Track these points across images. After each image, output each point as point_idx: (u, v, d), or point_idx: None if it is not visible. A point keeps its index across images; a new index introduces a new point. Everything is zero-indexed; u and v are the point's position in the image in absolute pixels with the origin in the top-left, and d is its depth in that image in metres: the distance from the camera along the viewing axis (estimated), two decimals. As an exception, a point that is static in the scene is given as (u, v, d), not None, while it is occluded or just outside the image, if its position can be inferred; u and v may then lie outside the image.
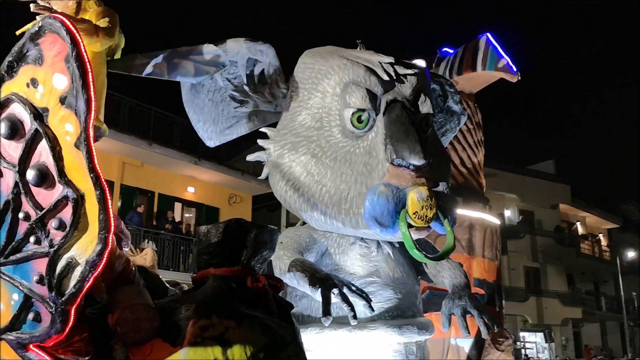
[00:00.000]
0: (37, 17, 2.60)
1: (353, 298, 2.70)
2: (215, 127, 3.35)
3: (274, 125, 3.25)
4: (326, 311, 2.63)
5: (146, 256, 5.88)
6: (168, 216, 15.73)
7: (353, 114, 2.92)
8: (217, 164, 17.13)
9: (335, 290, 2.66)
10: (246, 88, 3.19)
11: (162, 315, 2.15)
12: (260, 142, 3.18)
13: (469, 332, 2.97)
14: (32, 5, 2.44)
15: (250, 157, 3.27)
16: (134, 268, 2.48)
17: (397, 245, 3.19)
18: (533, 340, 26.76)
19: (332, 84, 3.01)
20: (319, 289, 2.69)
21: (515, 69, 5.88)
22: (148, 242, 6.39)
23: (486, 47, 5.91)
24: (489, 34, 5.98)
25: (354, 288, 2.78)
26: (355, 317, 2.66)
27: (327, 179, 2.93)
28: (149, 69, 2.98)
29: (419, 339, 3.13)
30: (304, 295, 3.06)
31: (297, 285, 2.90)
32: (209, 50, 3.10)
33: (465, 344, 4.83)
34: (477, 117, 6.38)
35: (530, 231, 28.28)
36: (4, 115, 1.72)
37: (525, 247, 27.84)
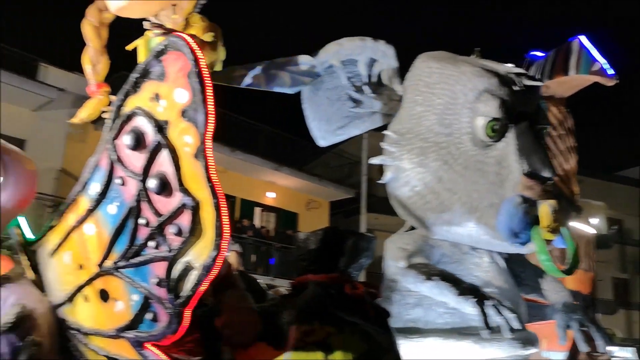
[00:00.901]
0: (149, 34, 2.77)
1: (503, 311, 2.66)
2: (328, 126, 3.38)
3: (383, 128, 3.27)
4: (487, 324, 2.58)
5: (229, 259, 6.02)
6: (244, 223, 16.06)
7: (488, 122, 2.89)
8: (297, 170, 17.41)
9: (490, 302, 2.63)
10: (365, 88, 3.21)
11: (265, 319, 2.23)
12: (384, 145, 3.19)
13: (587, 347, 2.90)
14: (145, 23, 2.59)
15: (375, 160, 3.28)
16: (235, 272, 2.58)
17: (506, 256, 3.15)
18: (622, 356, 25.36)
19: (465, 91, 2.97)
20: (471, 300, 2.65)
21: (611, 72, 5.60)
22: (234, 244, 6.53)
23: (579, 51, 5.67)
24: (582, 37, 5.74)
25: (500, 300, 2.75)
26: (512, 330, 2.62)
27: (459, 187, 2.91)
28: (247, 80, 3.09)
29: (534, 352, 3.08)
30: (417, 303, 3.05)
31: (438, 295, 2.87)
32: (304, 60, 3.17)
33: (558, 357, 4.65)
34: (568, 123, 6.13)
35: (619, 240, 26.90)
36: (129, 128, 1.84)
37: (613, 257, 26.51)
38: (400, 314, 3.01)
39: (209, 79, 1.72)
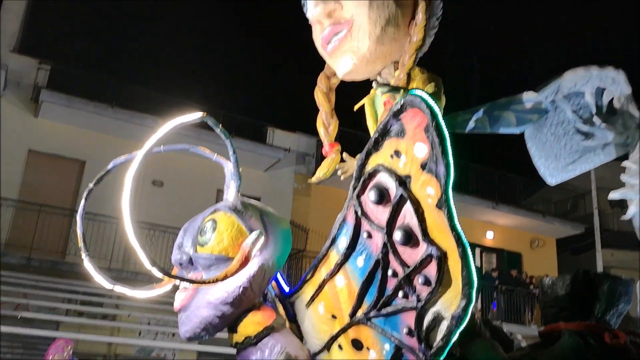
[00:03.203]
0: (374, 92, 2.93)
1: None
2: (557, 162, 3.21)
3: (622, 158, 3.00)
4: None
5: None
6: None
7: None
8: (516, 207, 16.66)
9: None
10: (595, 119, 3.02)
11: (518, 371, 2.14)
12: (624, 178, 2.94)
13: None
14: (374, 83, 2.75)
15: (615, 195, 3.03)
16: (478, 320, 2.52)
17: None
18: None
19: None
20: None
21: None
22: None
23: None
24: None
25: None
26: None
27: None
28: (471, 124, 3.06)
29: None
30: None
31: None
32: (529, 97, 3.06)
33: None
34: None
35: None
36: (372, 184, 1.95)
37: None
38: None
39: (446, 131, 1.76)
